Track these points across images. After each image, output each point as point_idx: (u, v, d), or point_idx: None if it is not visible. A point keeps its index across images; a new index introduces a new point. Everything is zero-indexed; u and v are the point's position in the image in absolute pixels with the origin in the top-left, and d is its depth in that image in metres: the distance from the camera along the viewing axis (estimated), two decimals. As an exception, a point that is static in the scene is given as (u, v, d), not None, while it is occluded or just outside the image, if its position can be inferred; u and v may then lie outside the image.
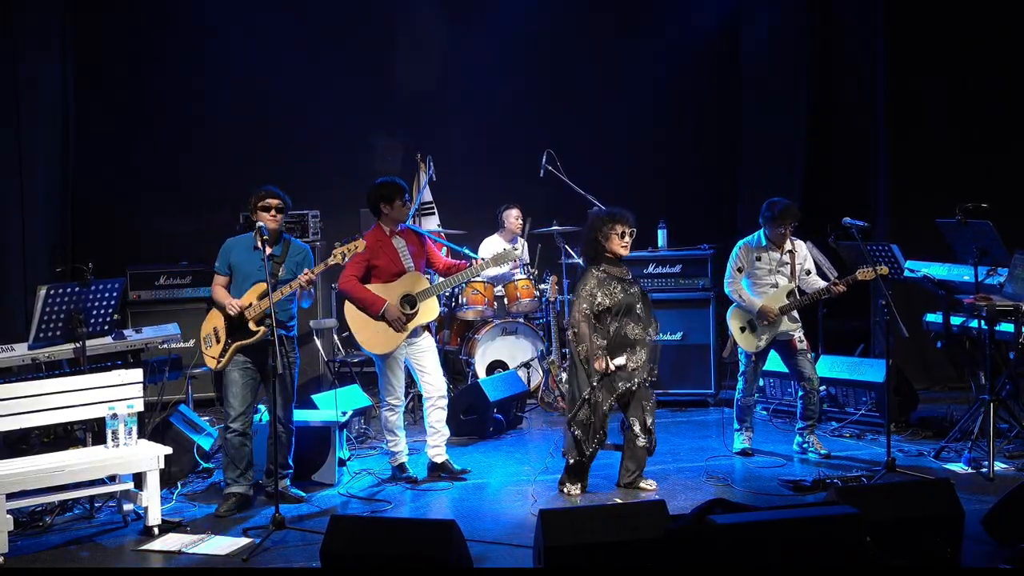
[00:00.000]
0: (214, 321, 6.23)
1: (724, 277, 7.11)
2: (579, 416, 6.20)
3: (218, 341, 6.17)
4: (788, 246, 6.98)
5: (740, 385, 7.10)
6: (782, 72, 10.27)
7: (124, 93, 9.60)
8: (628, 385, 6.19)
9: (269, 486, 6.32)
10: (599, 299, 6.18)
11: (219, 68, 9.74)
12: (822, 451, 6.95)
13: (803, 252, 7.06)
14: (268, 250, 6.09)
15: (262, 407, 6.73)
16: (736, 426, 7.17)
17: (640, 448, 6.31)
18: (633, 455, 6.33)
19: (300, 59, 9.93)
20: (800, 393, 7.02)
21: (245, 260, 6.21)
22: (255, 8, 9.83)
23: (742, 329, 7.01)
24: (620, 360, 6.15)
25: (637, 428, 6.28)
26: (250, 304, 6.12)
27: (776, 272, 6.99)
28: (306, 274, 6.09)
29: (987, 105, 9.23)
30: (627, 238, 6.27)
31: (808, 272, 7.03)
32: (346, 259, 6.21)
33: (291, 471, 6.36)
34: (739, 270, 7.01)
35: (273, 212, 6.19)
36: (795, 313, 6.93)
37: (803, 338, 7.00)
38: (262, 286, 6.09)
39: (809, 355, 7.04)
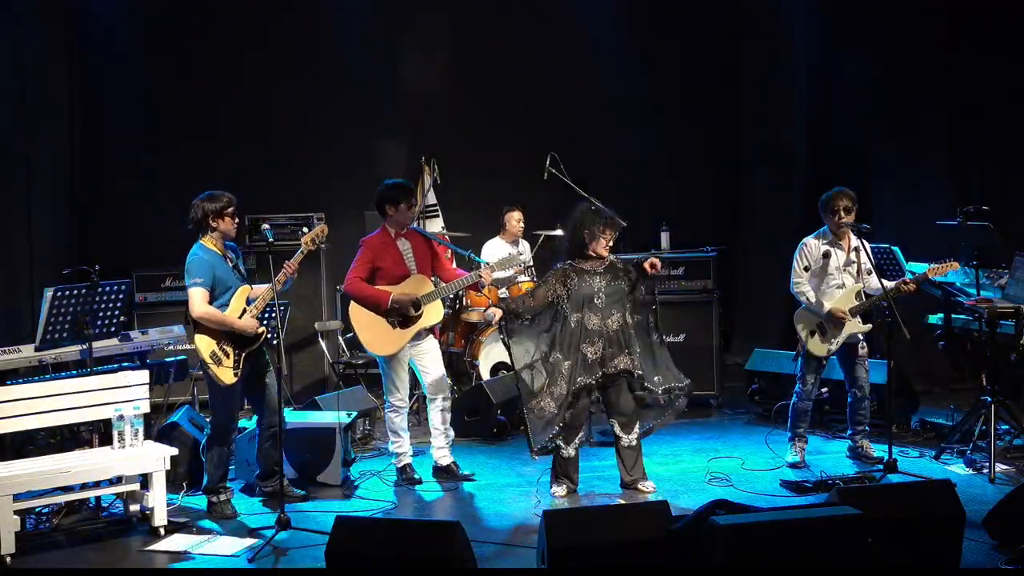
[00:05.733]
0: (210, 339, 5.99)
1: (790, 277, 6.83)
2: (533, 406, 6.21)
3: (227, 355, 6.00)
4: (854, 243, 6.70)
5: (797, 388, 6.88)
6: (783, 74, 10.30)
7: (131, 96, 9.64)
8: (588, 379, 6.16)
9: (267, 487, 6.37)
10: (559, 290, 6.24)
11: (225, 71, 9.78)
12: (873, 455, 6.84)
13: (868, 252, 6.76)
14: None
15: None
16: (789, 434, 6.93)
17: (627, 448, 6.32)
18: (626, 455, 6.34)
19: (303, 62, 9.97)
20: (849, 399, 6.90)
21: (223, 271, 6.07)
22: (257, 11, 9.87)
23: (812, 333, 6.76)
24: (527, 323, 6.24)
25: (617, 429, 6.30)
26: (243, 311, 6.06)
27: (843, 272, 6.74)
28: (289, 266, 6.06)
29: (987, 106, 9.26)
30: (611, 242, 6.33)
31: (870, 272, 6.69)
32: (315, 244, 6.19)
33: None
34: (805, 269, 6.76)
35: (235, 218, 6.17)
36: (862, 315, 6.71)
37: (865, 344, 6.82)
38: (245, 290, 6.09)
39: (866, 362, 6.85)
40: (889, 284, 6.65)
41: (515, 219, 9.07)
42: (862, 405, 6.89)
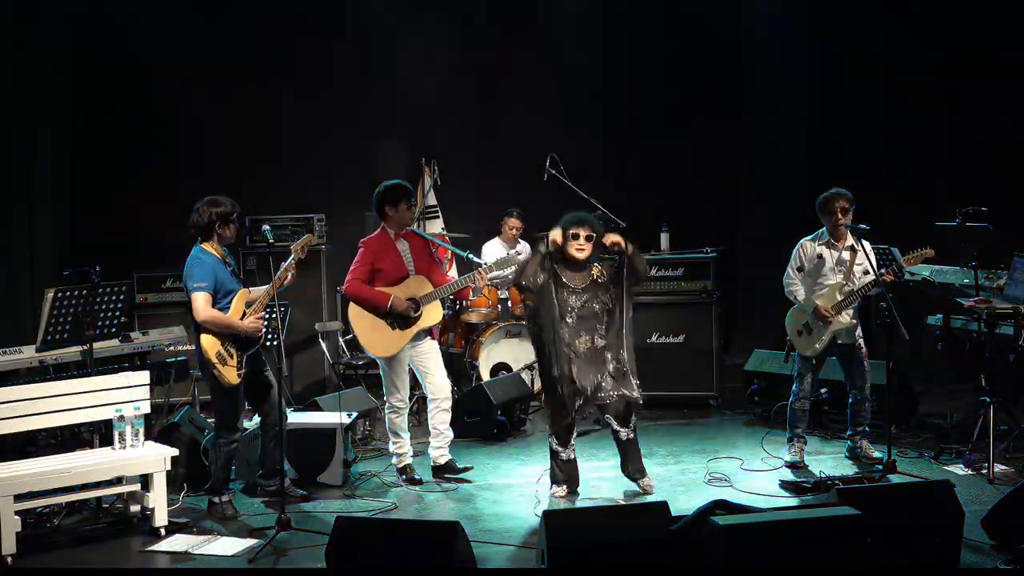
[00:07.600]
0: (214, 340, 5.95)
1: (783, 276, 6.89)
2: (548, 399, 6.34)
3: (231, 356, 5.99)
4: (850, 242, 6.72)
5: (794, 388, 6.90)
6: (783, 75, 10.31)
7: (130, 97, 9.66)
8: (570, 389, 6.10)
9: (270, 485, 6.37)
10: (540, 276, 6.15)
11: (223, 73, 9.79)
12: (873, 455, 6.85)
13: (864, 253, 6.74)
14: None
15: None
16: (788, 434, 6.95)
17: (627, 441, 6.32)
18: (627, 448, 6.35)
19: (303, 64, 9.98)
20: (851, 400, 6.91)
21: (224, 274, 6.06)
22: (258, 14, 9.88)
23: (799, 332, 6.82)
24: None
25: (614, 424, 6.29)
26: (244, 313, 6.06)
27: (837, 272, 6.75)
28: (287, 270, 6.08)
29: (986, 107, 9.27)
30: (581, 241, 6.17)
31: (866, 272, 6.70)
32: (304, 252, 6.18)
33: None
34: (798, 269, 6.82)
35: (236, 223, 6.17)
36: (851, 312, 6.71)
37: (863, 345, 6.82)
38: (244, 294, 6.08)
39: (866, 363, 6.84)
40: (869, 278, 6.61)
41: (508, 226, 9.11)
42: (863, 407, 6.89)
